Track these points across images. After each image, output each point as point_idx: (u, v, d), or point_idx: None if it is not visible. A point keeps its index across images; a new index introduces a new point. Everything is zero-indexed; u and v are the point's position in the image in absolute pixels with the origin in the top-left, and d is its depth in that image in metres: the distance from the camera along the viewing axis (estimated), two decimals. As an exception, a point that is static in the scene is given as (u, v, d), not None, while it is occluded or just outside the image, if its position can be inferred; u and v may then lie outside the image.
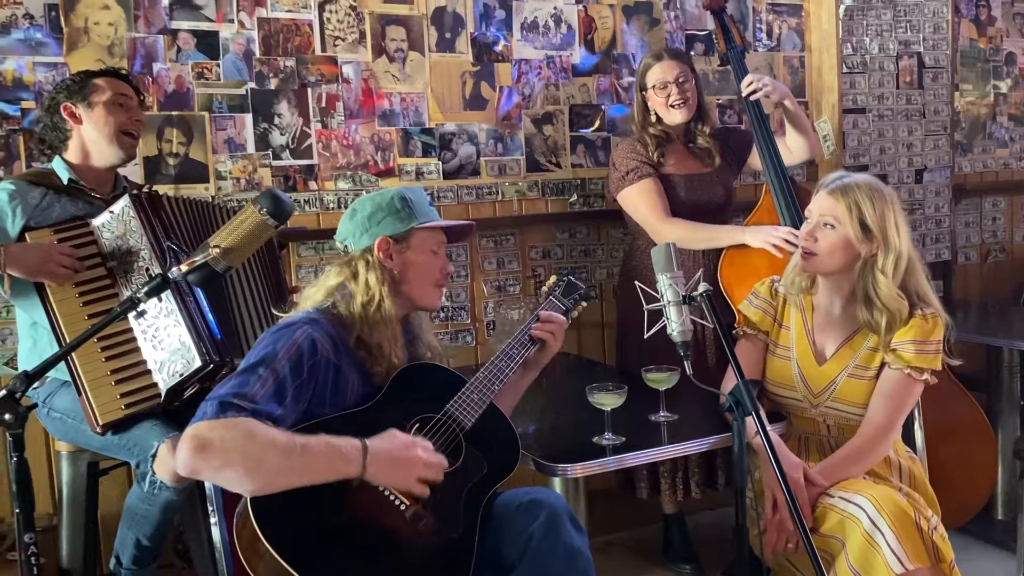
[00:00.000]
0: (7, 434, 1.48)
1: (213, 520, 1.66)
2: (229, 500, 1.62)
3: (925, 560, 1.66)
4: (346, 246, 1.77)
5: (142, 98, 2.36)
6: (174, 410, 2.09)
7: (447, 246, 1.83)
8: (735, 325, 2.40)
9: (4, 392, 1.46)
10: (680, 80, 2.74)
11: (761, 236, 2.59)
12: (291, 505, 1.47)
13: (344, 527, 1.50)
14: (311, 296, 1.75)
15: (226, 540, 1.64)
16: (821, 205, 2.01)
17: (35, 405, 1.50)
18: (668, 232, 2.65)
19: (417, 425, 1.67)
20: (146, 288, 1.48)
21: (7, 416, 1.46)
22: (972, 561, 1.82)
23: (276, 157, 2.83)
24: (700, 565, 2.95)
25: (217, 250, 1.49)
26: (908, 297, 1.97)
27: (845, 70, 3.58)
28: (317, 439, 1.50)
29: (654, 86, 2.76)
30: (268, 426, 1.48)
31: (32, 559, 1.50)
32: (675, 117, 2.76)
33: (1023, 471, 2.76)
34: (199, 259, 1.49)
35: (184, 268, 1.49)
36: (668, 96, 2.74)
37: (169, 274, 1.49)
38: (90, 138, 2.22)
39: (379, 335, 1.69)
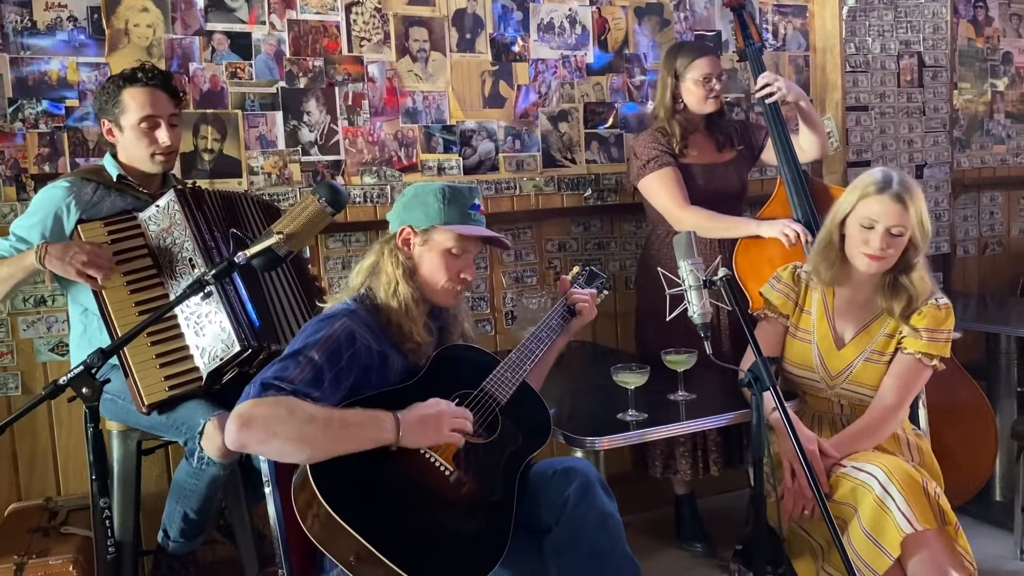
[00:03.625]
0: (84, 406, 1.60)
1: (268, 491, 1.78)
2: (282, 474, 1.74)
3: (932, 522, 1.79)
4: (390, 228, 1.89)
5: (179, 96, 2.38)
6: (216, 391, 2.20)
7: (476, 252, 1.86)
8: (749, 310, 2.52)
9: (82, 367, 1.58)
10: (720, 76, 2.89)
11: (777, 227, 2.71)
12: (347, 469, 1.59)
13: (395, 490, 1.63)
14: (352, 279, 1.87)
15: (280, 510, 1.76)
16: (890, 213, 2.04)
17: (108, 380, 1.61)
18: (686, 219, 2.77)
19: (457, 400, 1.79)
20: (214, 271, 1.60)
21: (84, 390, 1.58)
22: (972, 539, 1.93)
23: (305, 153, 2.95)
24: (712, 544, 3.07)
25: (281, 236, 1.61)
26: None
27: (848, 69, 3.70)
28: (353, 411, 1.63)
29: (697, 79, 2.86)
30: (307, 403, 1.60)
31: (107, 522, 1.62)
32: (708, 108, 2.89)
33: (1020, 453, 2.89)
34: (264, 244, 1.61)
35: (249, 252, 1.61)
36: (710, 90, 2.86)
37: (235, 258, 1.61)
38: (130, 153, 2.32)
39: (398, 316, 1.80)
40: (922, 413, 2.31)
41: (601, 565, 1.70)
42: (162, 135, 2.30)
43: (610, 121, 3.38)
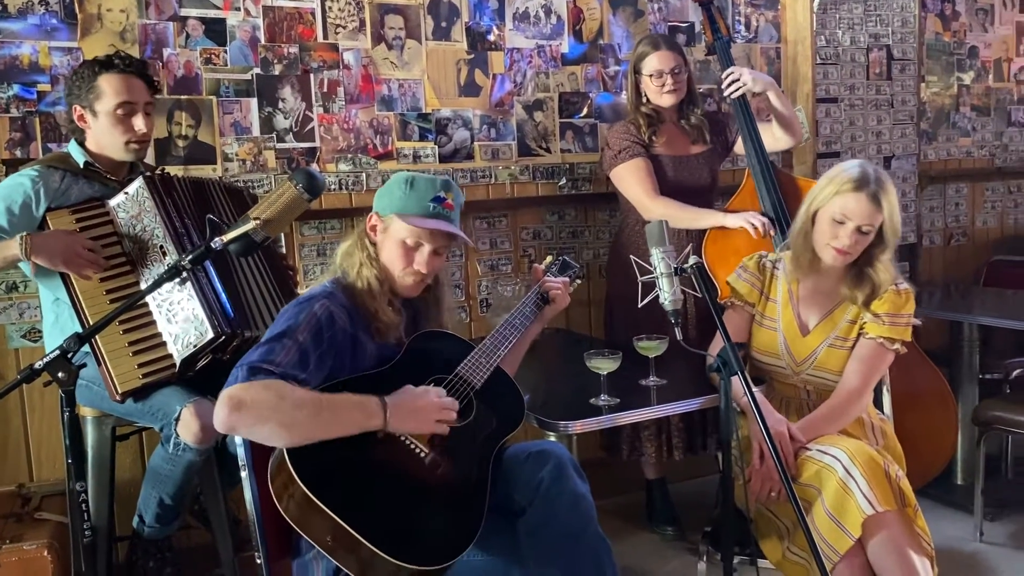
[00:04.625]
0: (60, 391, 1.60)
1: (244, 475, 1.79)
2: (258, 458, 1.75)
3: (893, 504, 1.85)
4: None
5: (154, 85, 2.37)
6: (191, 378, 2.21)
7: (435, 246, 1.82)
8: (718, 299, 2.56)
9: (58, 351, 1.58)
10: (675, 71, 2.90)
11: (742, 218, 2.76)
12: (323, 452, 1.61)
13: (371, 471, 1.65)
14: (334, 259, 1.90)
15: (256, 494, 1.77)
16: (863, 213, 2.07)
17: (84, 365, 1.61)
18: (655, 209, 2.82)
19: (431, 384, 1.82)
20: (191, 256, 1.61)
21: (61, 374, 1.59)
22: (933, 522, 2.00)
23: (280, 140, 2.95)
24: (682, 527, 3.13)
25: (258, 221, 1.62)
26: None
27: (819, 61, 3.76)
28: (343, 396, 1.66)
29: (650, 74, 2.91)
30: (296, 387, 1.62)
31: (83, 505, 1.63)
32: (665, 101, 2.93)
33: (980, 438, 2.98)
34: (241, 229, 1.62)
35: (226, 238, 1.62)
36: (663, 85, 2.90)
37: (212, 243, 1.62)
38: (102, 141, 2.30)
39: (362, 296, 1.82)
40: (886, 399, 2.37)
41: (573, 545, 1.74)
42: (138, 122, 2.29)
43: (584, 111, 3.41)
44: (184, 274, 1.64)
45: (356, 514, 1.56)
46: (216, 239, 1.62)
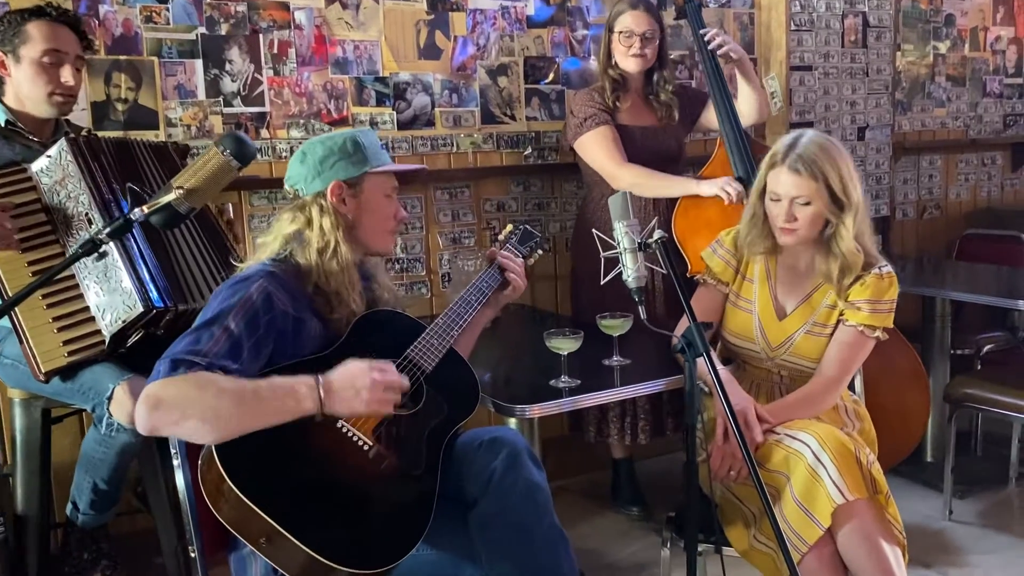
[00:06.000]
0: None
1: (176, 463, 1.67)
2: (193, 447, 1.62)
3: (863, 491, 1.76)
4: (297, 191, 1.74)
5: (88, 42, 2.25)
6: (123, 355, 2.07)
7: (398, 191, 1.81)
8: (687, 273, 2.45)
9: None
10: (646, 35, 2.77)
11: (717, 185, 2.66)
12: (255, 447, 1.48)
13: (309, 467, 1.52)
14: (268, 245, 1.73)
15: (189, 484, 1.65)
16: (788, 185, 1.97)
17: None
18: (624, 176, 2.71)
19: (379, 366, 1.70)
20: (108, 229, 1.47)
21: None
22: (902, 500, 1.94)
23: (227, 104, 2.79)
24: (648, 508, 3.06)
25: (181, 191, 1.48)
26: (863, 247, 2.03)
27: (793, 27, 3.65)
28: (267, 381, 1.51)
29: (621, 32, 2.79)
30: (219, 376, 1.48)
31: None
32: (629, 65, 2.81)
33: (952, 415, 2.92)
34: (163, 200, 1.48)
35: (147, 209, 1.48)
36: (630, 46, 2.77)
37: (132, 215, 1.48)
38: (22, 91, 2.16)
39: (336, 282, 1.69)
40: (858, 379, 2.28)
41: (528, 538, 1.63)
42: (66, 73, 2.15)
43: (551, 76, 3.27)
44: (103, 248, 1.49)
45: (292, 515, 1.44)
46: (137, 210, 1.47)
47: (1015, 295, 2.93)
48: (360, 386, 1.53)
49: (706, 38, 2.77)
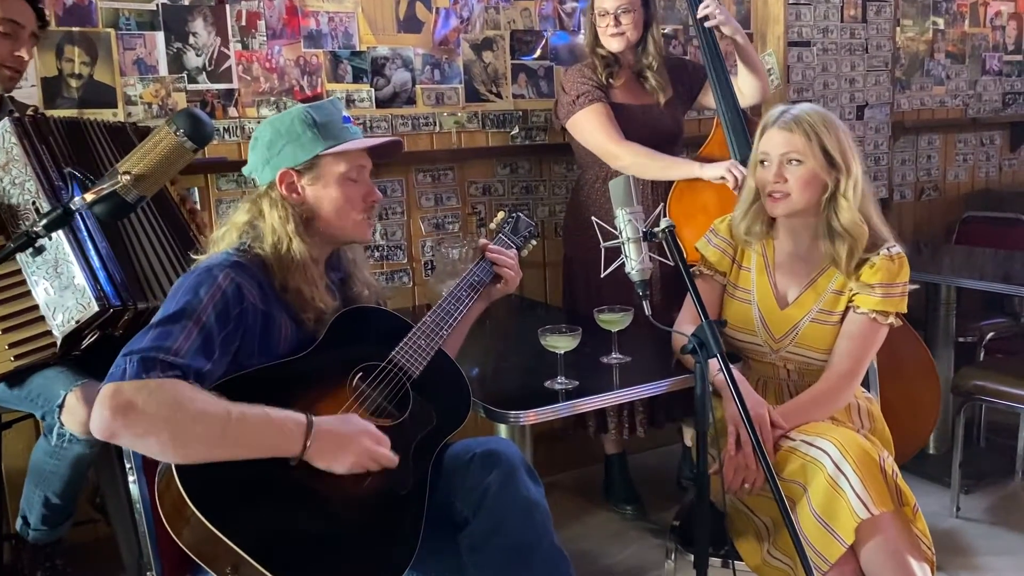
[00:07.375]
0: None
1: (132, 478, 1.50)
2: (150, 459, 1.46)
3: (890, 504, 1.61)
4: (254, 180, 1.58)
5: (43, 17, 2.07)
6: (77, 357, 1.90)
7: (369, 168, 1.61)
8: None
9: None
10: (618, 12, 2.60)
11: (722, 168, 2.50)
12: (220, 465, 1.31)
13: (280, 488, 1.36)
14: (222, 237, 1.56)
15: (146, 498, 1.49)
16: (777, 142, 1.88)
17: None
18: (623, 155, 2.55)
19: (360, 374, 1.53)
20: (44, 221, 1.28)
21: None
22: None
23: (192, 80, 2.58)
24: (642, 506, 2.92)
25: (127, 177, 1.29)
26: (868, 223, 1.89)
27: (791, 1, 3.48)
28: (256, 411, 1.34)
29: (597, 12, 2.64)
30: (198, 391, 1.32)
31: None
32: (611, 45, 2.65)
33: (960, 408, 2.79)
34: (107, 187, 1.29)
35: (89, 198, 1.29)
36: (607, 26, 2.62)
37: (71, 205, 1.29)
38: None
39: (294, 280, 1.52)
40: (872, 374, 2.14)
41: (526, 560, 1.48)
42: (20, 48, 1.97)
43: (539, 51, 3.08)
44: (39, 243, 1.30)
45: (262, 542, 1.28)
46: (77, 199, 1.28)
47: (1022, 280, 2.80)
48: (349, 448, 1.39)
49: (699, 10, 2.60)
